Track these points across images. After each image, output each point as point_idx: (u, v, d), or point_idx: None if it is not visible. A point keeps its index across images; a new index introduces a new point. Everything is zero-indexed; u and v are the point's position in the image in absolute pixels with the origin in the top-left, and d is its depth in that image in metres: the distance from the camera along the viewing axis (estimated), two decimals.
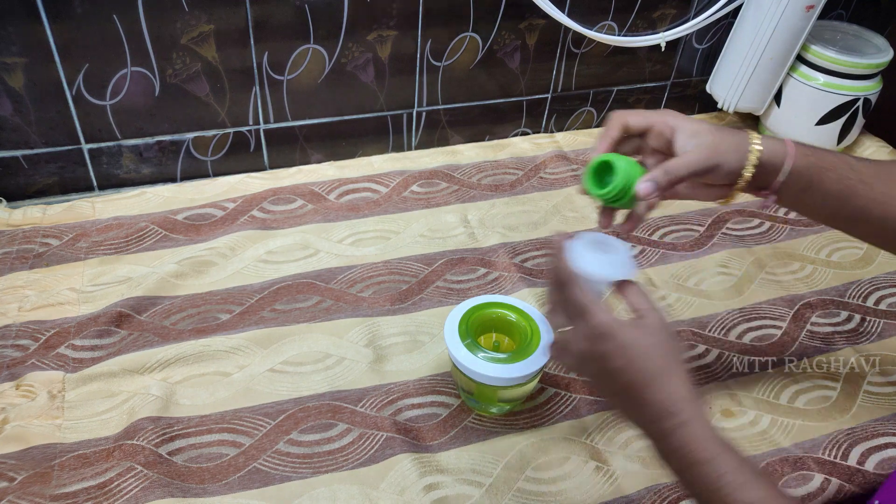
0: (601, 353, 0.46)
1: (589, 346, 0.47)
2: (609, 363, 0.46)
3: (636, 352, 0.46)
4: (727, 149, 0.51)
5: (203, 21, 0.78)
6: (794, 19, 0.93)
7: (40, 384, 0.63)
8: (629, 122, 0.54)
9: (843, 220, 0.56)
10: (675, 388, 0.45)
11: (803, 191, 0.54)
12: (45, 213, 0.81)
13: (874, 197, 0.53)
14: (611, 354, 0.46)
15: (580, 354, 0.48)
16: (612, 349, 0.46)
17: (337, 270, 0.78)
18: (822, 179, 0.53)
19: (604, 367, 0.47)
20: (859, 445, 0.65)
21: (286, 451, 0.61)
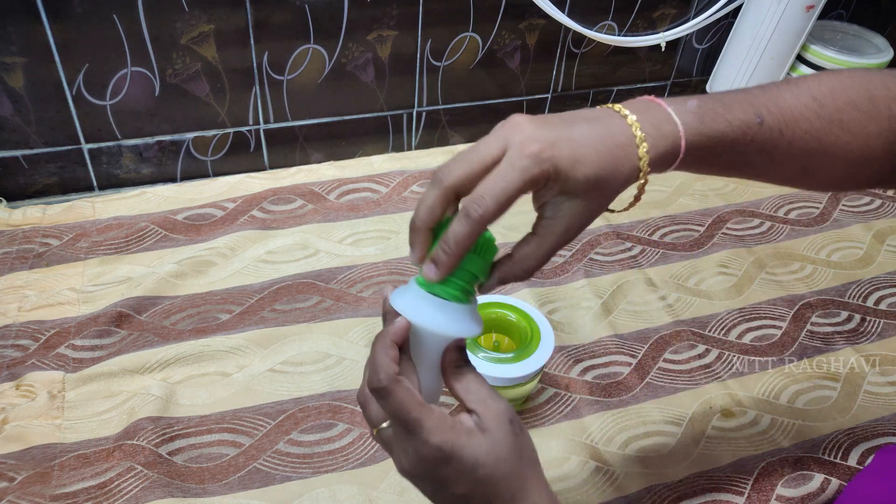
0: (439, 478, 0.38)
1: (422, 469, 0.39)
2: (450, 488, 0.38)
3: (481, 474, 0.38)
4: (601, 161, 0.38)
5: (203, 21, 0.78)
6: (794, 19, 0.93)
7: (40, 384, 0.63)
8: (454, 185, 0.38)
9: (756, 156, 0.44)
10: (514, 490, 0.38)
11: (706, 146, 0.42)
12: (45, 213, 0.81)
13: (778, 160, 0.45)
14: (451, 480, 0.38)
15: (411, 472, 0.40)
16: (451, 474, 0.38)
17: (337, 270, 0.78)
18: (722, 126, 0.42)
19: (443, 491, 0.39)
20: (859, 446, 0.65)
21: (286, 451, 0.61)
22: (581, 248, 0.84)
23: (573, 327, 0.74)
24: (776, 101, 0.44)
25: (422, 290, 0.40)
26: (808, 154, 0.45)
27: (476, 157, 0.38)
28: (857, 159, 0.45)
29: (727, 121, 0.42)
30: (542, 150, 0.37)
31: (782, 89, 0.45)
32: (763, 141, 0.44)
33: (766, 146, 0.44)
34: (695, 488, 0.60)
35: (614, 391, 0.68)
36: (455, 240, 0.38)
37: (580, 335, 0.73)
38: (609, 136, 0.39)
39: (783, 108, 0.44)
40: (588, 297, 0.78)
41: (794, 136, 0.44)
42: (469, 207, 0.37)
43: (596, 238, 0.86)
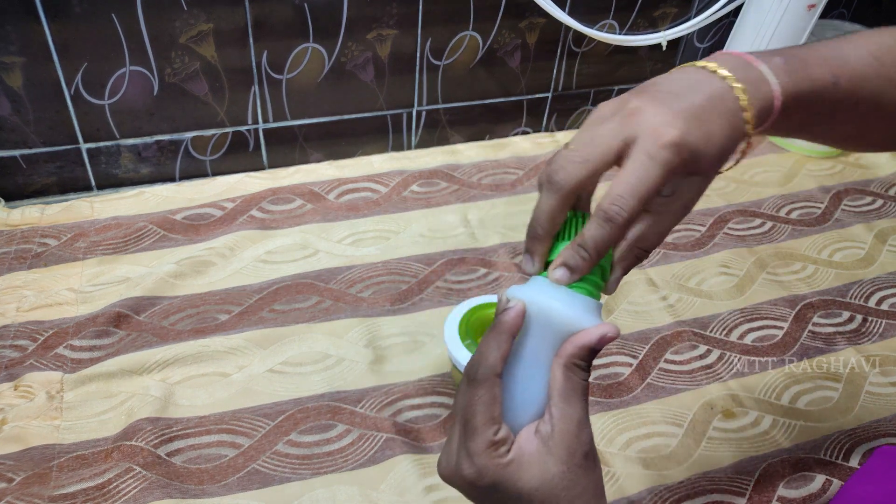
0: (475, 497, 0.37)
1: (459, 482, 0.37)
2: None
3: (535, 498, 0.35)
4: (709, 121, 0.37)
5: (202, 20, 0.78)
6: (795, 19, 0.93)
7: (39, 385, 0.63)
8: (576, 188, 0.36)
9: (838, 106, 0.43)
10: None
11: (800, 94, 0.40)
12: (44, 213, 0.80)
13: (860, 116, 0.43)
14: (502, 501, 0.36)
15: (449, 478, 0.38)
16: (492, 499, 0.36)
17: (336, 270, 0.78)
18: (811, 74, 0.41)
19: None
20: (861, 446, 0.64)
21: (286, 451, 0.60)
22: None
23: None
24: (845, 61, 0.42)
25: (549, 282, 0.36)
26: (868, 114, 0.43)
27: (596, 153, 0.35)
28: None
29: (811, 80, 0.40)
30: (681, 137, 0.34)
31: (845, 48, 0.42)
32: (834, 101, 0.42)
33: (838, 106, 0.42)
34: (696, 489, 0.60)
35: (615, 392, 0.68)
36: (595, 245, 0.35)
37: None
38: (721, 102, 0.37)
39: (852, 69, 0.42)
40: None
41: (859, 96, 0.42)
42: (610, 210, 0.34)
43: None
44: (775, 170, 1.02)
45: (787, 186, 0.98)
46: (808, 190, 0.98)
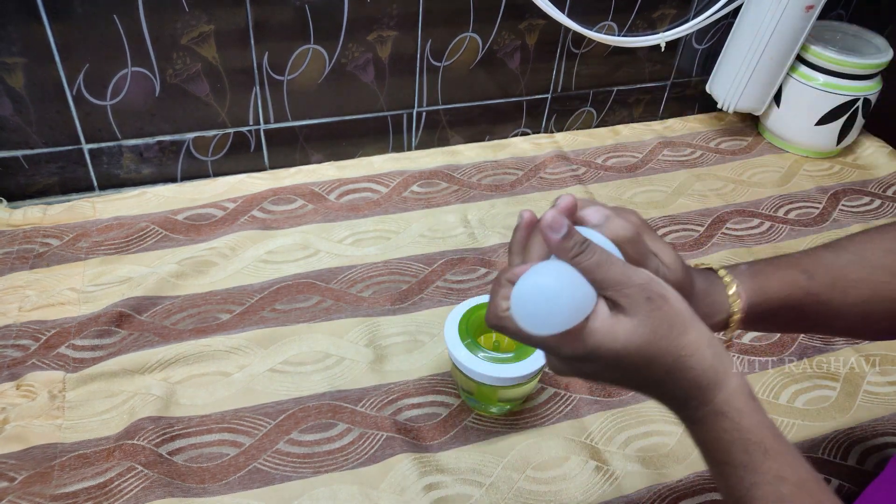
0: (588, 374, 0.39)
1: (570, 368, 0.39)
2: (604, 378, 0.39)
3: (627, 364, 0.37)
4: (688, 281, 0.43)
5: (203, 21, 0.78)
6: (793, 19, 0.93)
7: (41, 384, 0.63)
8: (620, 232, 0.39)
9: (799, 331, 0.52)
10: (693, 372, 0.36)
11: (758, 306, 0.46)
12: (46, 213, 0.81)
13: (832, 314, 0.47)
14: (599, 374, 0.38)
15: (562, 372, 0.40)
16: (598, 369, 0.38)
17: (337, 270, 0.78)
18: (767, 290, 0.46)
19: (600, 379, 0.39)
20: (859, 445, 0.65)
21: (286, 450, 0.61)
22: None
23: None
24: (819, 260, 0.48)
25: None
26: (864, 301, 0.46)
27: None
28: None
29: (779, 278, 0.46)
30: None
31: (820, 250, 0.49)
32: (817, 294, 0.46)
33: (822, 298, 0.46)
34: (694, 488, 0.60)
35: (614, 391, 0.68)
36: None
37: None
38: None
39: (828, 264, 0.47)
40: None
41: (845, 287, 0.46)
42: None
43: None
44: (773, 170, 1.02)
45: (785, 187, 0.99)
46: (806, 190, 0.98)
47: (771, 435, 0.36)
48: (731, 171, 1.01)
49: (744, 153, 1.05)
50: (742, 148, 1.06)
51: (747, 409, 0.36)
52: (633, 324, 0.36)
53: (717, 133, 1.08)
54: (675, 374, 0.37)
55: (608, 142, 1.04)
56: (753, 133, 1.10)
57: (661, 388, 0.38)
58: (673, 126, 1.09)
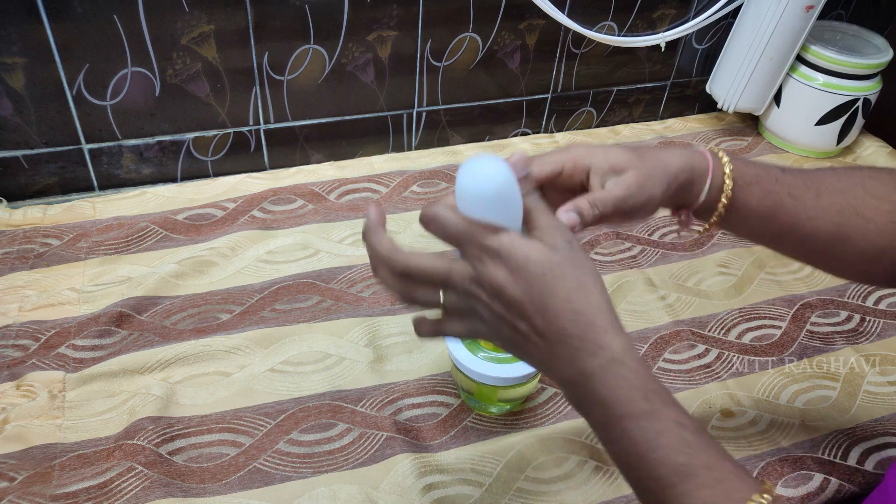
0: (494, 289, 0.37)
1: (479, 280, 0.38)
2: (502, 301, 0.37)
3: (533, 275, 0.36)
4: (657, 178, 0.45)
5: (203, 21, 0.78)
6: (793, 19, 0.93)
7: (41, 384, 0.63)
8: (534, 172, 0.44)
9: (771, 237, 0.50)
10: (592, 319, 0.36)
11: (732, 209, 0.48)
12: (46, 213, 0.81)
13: (803, 211, 0.48)
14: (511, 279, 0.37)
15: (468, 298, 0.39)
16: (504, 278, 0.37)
17: (337, 270, 0.78)
18: (745, 195, 0.48)
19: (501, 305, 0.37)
20: (859, 445, 0.65)
21: (286, 450, 0.61)
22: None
23: None
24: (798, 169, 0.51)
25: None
26: (838, 212, 0.47)
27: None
28: (889, 228, 0.47)
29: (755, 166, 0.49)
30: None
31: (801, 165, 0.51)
32: (790, 184, 0.48)
33: (794, 191, 0.48)
34: None
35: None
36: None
37: None
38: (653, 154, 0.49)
39: (804, 170, 0.50)
40: None
41: (819, 190, 0.48)
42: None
43: (595, 238, 0.86)
44: None
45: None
46: None
47: (660, 384, 0.36)
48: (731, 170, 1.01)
49: (744, 153, 1.05)
50: (742, 148, 1.06)
51: (640, 358, 0.36)
52: (546, 246, 0.37)
53: (718, 133, 1.09)
54: (573, 304, 0.36)
55: (608, 142, 1.04)
56: (753, 133, 1.10)
57: (557, 322, 0.36)
58: (673, 126, 1.09)
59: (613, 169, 0.45)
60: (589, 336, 0.36)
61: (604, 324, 0.36)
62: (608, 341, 0.36)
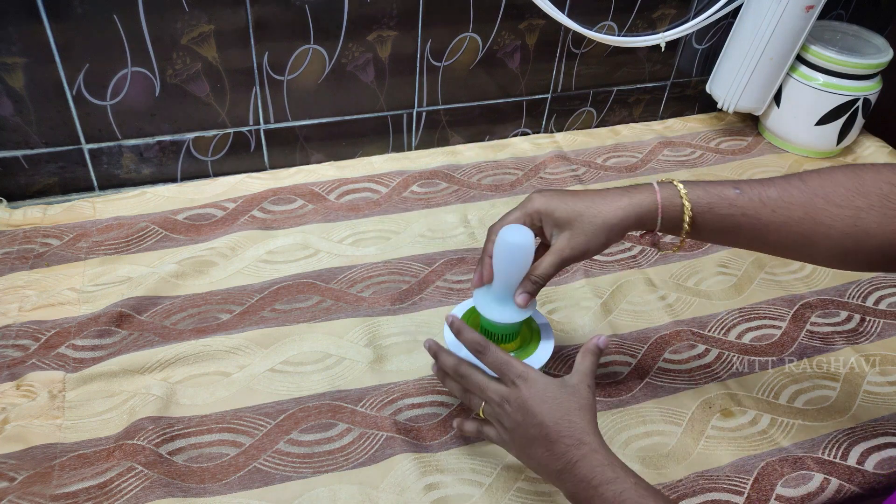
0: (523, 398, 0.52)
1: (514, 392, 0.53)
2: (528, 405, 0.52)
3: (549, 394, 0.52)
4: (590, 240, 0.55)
5: (203, 21, 0.78)
6: (793, 19, 0.93)
7: (41, 384, 0.63)
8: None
9: (742, 246, 0.57)
10: (582, 426, 0.51)
11: (688, 234, 0.55)
12: (46, 213, 0.81)
13: (762, 227, 0.53)
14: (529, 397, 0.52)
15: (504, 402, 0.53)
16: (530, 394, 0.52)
17: (337, 270, 0.78)
18: (702, 220, 0.54)
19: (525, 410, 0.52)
20: (859, 445, 0.65)
21: (286, 450, 0.61)
22: None
23: (573, 327, 0.74)
24: (752, 181, 0.55)
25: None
26: (800, 222, 0.52)
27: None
28: (852, 231, 0.51)
29: (705, 190, 0.55)
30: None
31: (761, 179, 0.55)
32: (744, 206, 0.53)
33: (749, 211, 0.53)
34: (694, 488, 0.60)
35: (614, 391, 0.68)
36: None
37: (580, 335, 0.73)
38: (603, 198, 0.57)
39: (760, 184, 0.54)
40: (588, 297, 0.78)
41: (776, 204, 0.53)
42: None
43: None
44: (773, 170, 1.02)
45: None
46: None
47: (620, 461, 0.50)
48: (731, 171, 1.01)
49: (744, 153, 1.05)
50: (742, 148, 1.06)
51: (606, 447, 0.50)
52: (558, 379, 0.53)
53: (717, 133, 1.09)
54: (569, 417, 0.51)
55: (608, 142, 1.04)
56: (753, 133, 1.10)
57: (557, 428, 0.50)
58: (673, 126, 1.09)
59: (557, 225, 0.56)
60: (576, 436, 0.50)
61: (588, 429, 0.51)
62: (588, 439, 0.50)
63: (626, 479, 0.48)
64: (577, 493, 0.50)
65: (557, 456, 0.50)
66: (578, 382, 0.53)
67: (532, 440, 0.51)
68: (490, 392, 0.54)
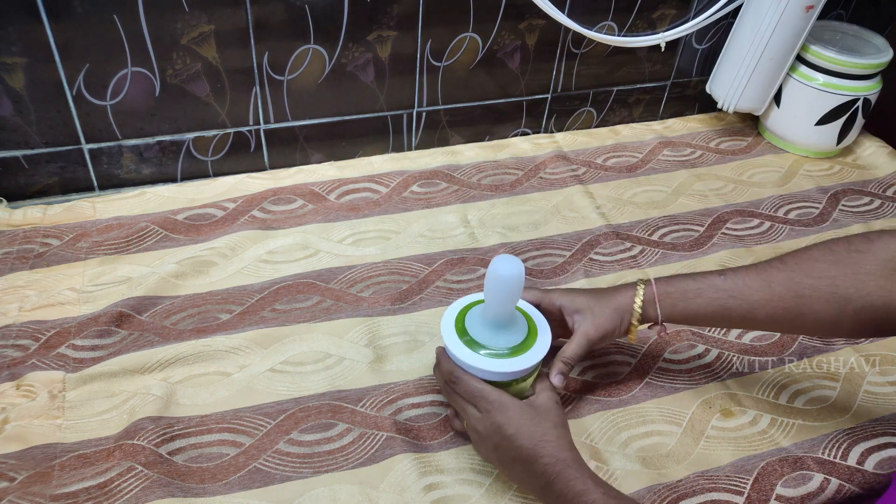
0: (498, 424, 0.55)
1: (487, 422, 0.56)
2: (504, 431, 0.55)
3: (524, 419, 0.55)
4: (608, 320, 0.61)
5: (203, 21, 0.78)
6: (793, 19, 0.93)
7: (41, 384, 0.63)
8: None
9: (734, 325, 0.63)
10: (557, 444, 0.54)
11: (685, 319, 0.61)
12: (46, 213, 0.81)
13: (748, 306, 0.58)
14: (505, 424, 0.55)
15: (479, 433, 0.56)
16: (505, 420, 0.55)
17: (337, 270, 0.78)
18: (694, 307, 0.60)
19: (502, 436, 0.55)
20: (859, 445, 0.65)
21: (286, 450, 0.61)
22: (581, 249, 0.84)
23: None
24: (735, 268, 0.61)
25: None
26: (780, 297, 0.57)
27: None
28: (832, 298, 0.56)
29: (691, 277, 0.61)
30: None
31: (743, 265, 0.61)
32: (729, 289, 0.59)
33: (736, 293, 0.59)
34: (694, 488, 0.60)
35: (614, 391, 0.68)
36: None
37: None
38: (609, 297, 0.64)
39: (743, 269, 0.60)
40: None
41: (759, 285, 0.58)
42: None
43: (595, 238, 0.86)
44: (773, 170, 1.02)
45: (785, 187, 0.99)
46: (806, 190, 0.98)
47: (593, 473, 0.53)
48: (731, 171, 1.01)
49: (744, 153, 1.05)
50: (742, 148, 1.06)
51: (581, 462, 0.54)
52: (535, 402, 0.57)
53: (717, 133, 1.09)
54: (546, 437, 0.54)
55: (608, 142, 1.04)
56: (753, 133, 1.10)
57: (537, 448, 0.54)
58: (673, 126, 1.09)
59: (578, 311, 0.62)
60: (554, 454, 0.53)
61: (563, 445, 0.54)
62: (564, 456, 0.53)
63: (596, 490, 0.51)
64: (553, 500, 0.53)
65: (537, 476, 0.53)
66: (547, 400, 0.57)
67: (512, 461, 0.55)
68: (471, 419, 0.57)
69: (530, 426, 0.54)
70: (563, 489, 0.52)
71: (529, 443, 0.54)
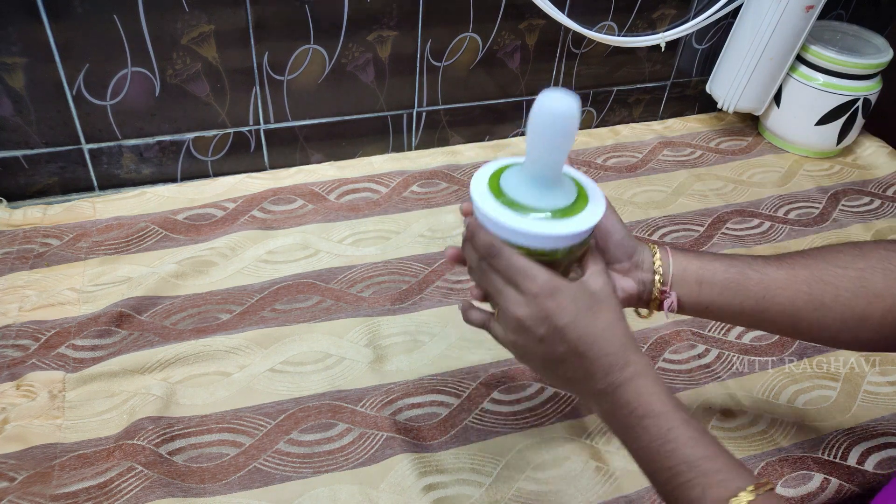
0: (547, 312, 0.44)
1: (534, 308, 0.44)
2: (555, 321, 0.43)
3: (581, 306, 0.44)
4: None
5: (203, 21, 0.79)
6: (793, 19, 0.93)
7: (41, 384, 0.63)
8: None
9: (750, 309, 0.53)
10: (623, 342, 0.44)
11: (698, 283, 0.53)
12: (46, 214, 0.81)
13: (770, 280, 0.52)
14: (557, 311, 0.43)
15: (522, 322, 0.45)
16: (555, 307, 0.43)
17: (337, 270, 0.78)
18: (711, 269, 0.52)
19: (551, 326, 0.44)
20: (859, 445, 0.65)
21: (286, 450, 0.61)
22: None
23: None
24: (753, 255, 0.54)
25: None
26: (805, 281, 0.52)
27: None
28: (861, 292, 0.50)
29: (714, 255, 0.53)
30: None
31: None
32: (749, 259, 0.53)
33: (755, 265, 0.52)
34: None
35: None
36: None
37: None
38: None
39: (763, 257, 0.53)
40: None
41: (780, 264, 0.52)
42: None
43: None
44: (773, 170, 1.02)
45: (785, 187, 0.99)
46: (806, 190, 0.98)
47: (670, 392, 0.44)
48: (731, 171, 1.01)
49: (744, 153, 1.05)
50: (742, 148, 1.06)
51: (655, 371, 0.45)
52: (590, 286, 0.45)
53: (717, 133, 1.09)
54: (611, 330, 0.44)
55: (608, 142, 1.04)
56: (753, 133, 1.10)
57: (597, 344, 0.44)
58: (673, 126, 1.09)
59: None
60: (621, 354, 0.44)
61: (631, 346, 0.45)
62: (635, 359, 0.44)
63: (676, 414, 0.42)
64: (615, 417, 0.45)
65: (598, 376, 0.44)
66: (605, 285, 0.45)
67: (561, 359, 0.45)
68: (510, 304, 0.45)
69: (588, 317, 0.44)
70: (631, 401, 0.43)
71: (590, 336, 0.43)
